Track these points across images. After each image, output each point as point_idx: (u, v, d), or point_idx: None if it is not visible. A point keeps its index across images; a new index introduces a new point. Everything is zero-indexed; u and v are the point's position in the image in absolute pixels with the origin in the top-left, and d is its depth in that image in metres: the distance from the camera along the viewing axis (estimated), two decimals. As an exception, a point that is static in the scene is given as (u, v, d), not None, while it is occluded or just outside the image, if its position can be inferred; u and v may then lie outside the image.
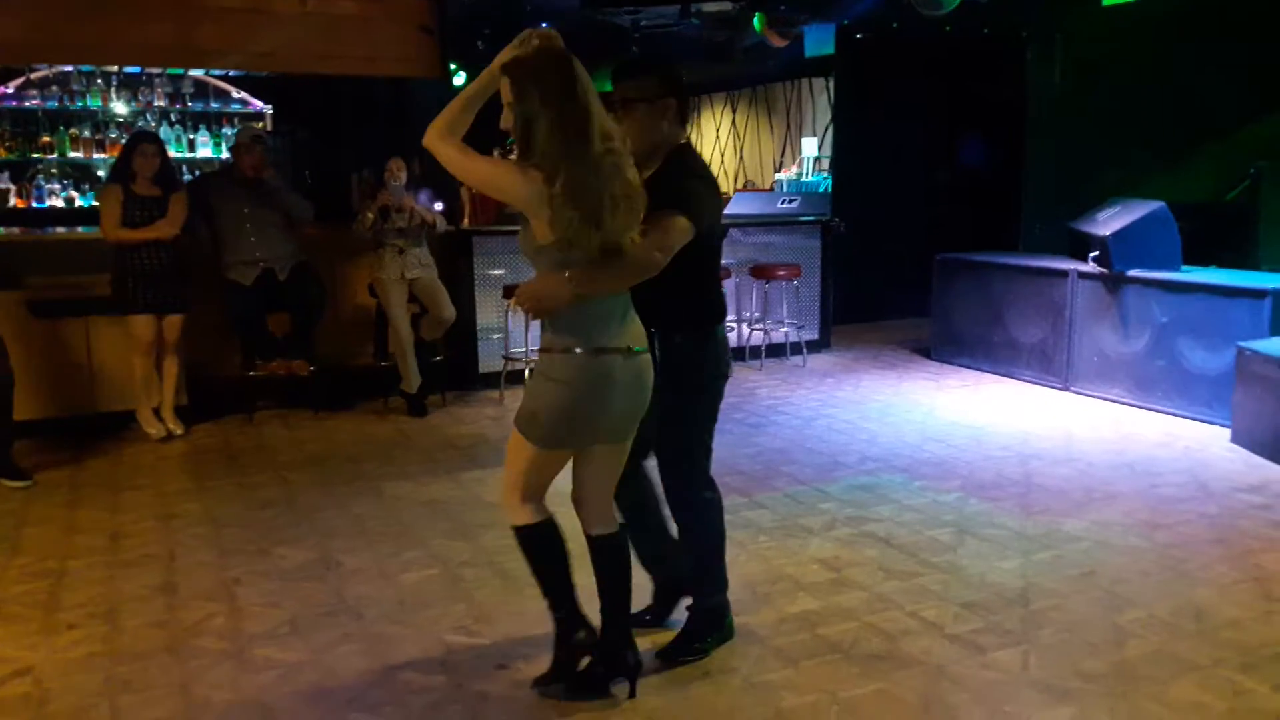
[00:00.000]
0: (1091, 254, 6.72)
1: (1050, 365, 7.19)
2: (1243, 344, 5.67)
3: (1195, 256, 6.68)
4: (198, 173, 8.44)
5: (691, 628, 3.34)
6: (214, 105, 8.74)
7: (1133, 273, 6.54)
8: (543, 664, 3.25)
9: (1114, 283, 6.66)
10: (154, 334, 5.88)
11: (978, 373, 7.69)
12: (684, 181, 3.02)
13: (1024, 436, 5.97)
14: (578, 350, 2.74)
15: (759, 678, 3.19)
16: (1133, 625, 3.56)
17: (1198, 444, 5.78)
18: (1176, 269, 6.50)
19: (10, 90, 8.15)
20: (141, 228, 5.74)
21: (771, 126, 12.36)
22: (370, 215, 6.23)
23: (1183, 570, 4.05)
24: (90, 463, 5.54)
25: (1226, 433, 5.85)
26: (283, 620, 3.61)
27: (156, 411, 6.04)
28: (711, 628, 3.34)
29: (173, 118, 8.61)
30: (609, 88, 3.27)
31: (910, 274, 9.20)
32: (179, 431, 6.02)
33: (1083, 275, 6.89)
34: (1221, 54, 7.98)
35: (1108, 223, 6.68)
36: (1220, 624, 3.57)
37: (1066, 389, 7.05)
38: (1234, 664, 3.29)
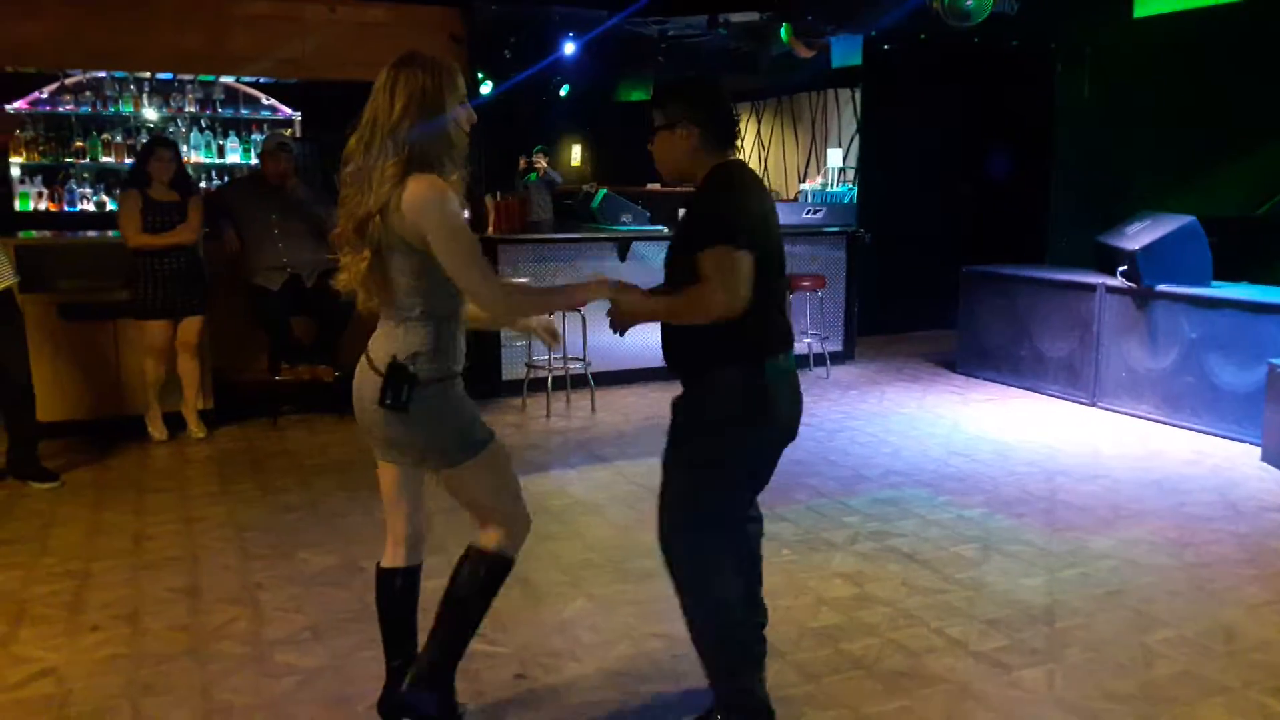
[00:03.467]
0: (1120, 268, 6.66)
1: (1077, 380, 7.13)
2: (1274, 361, 5.59)
3: (1226, 272, 6.60)
4: (226, 178, 8.52)
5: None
6: (244, 112, 8.82)
7: (1162, 287, 6.47)
8: (563, 674, 3.25)
9: (1143, 297, 6.59)
10: (169, 338, 5.93)
11: (1003, 387, 7.63)
12: (714, 201, 2.81)
13: (1050, 452, 5.91)
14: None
15: (780, 693, 3.16)
16: (1161, 645, 3.51)
17: (1227, 462, 5.70)
18: (1207, 284, 6.42)
19: (44, 95, 8.25)
20: (161, 233, 5.80)
21: (797, 137, 12.34)
22: None
23: (1212, 590, 3.99)
24: (116, 465, 5.58)
25: (1257, 451, 5.77)
26: (304, 625, 3.62)
27: (171, 415, 6.08)
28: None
29: (203, 124, 8.70)
30: (635, 97, 3.21)
31: (936, 286, 9.15)
32: (200, 435, 6.06)
33: (1111, 289, 6.83)
34: (1253, 67, 7.91)
35: (1137, 236, 6.62)
36: (1250, 645, 3.52)
37: (1093, 404, 6.98)
38: (1264, 686, 3.24)
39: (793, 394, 2.84)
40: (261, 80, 8.57)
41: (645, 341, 7.69)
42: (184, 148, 8.65)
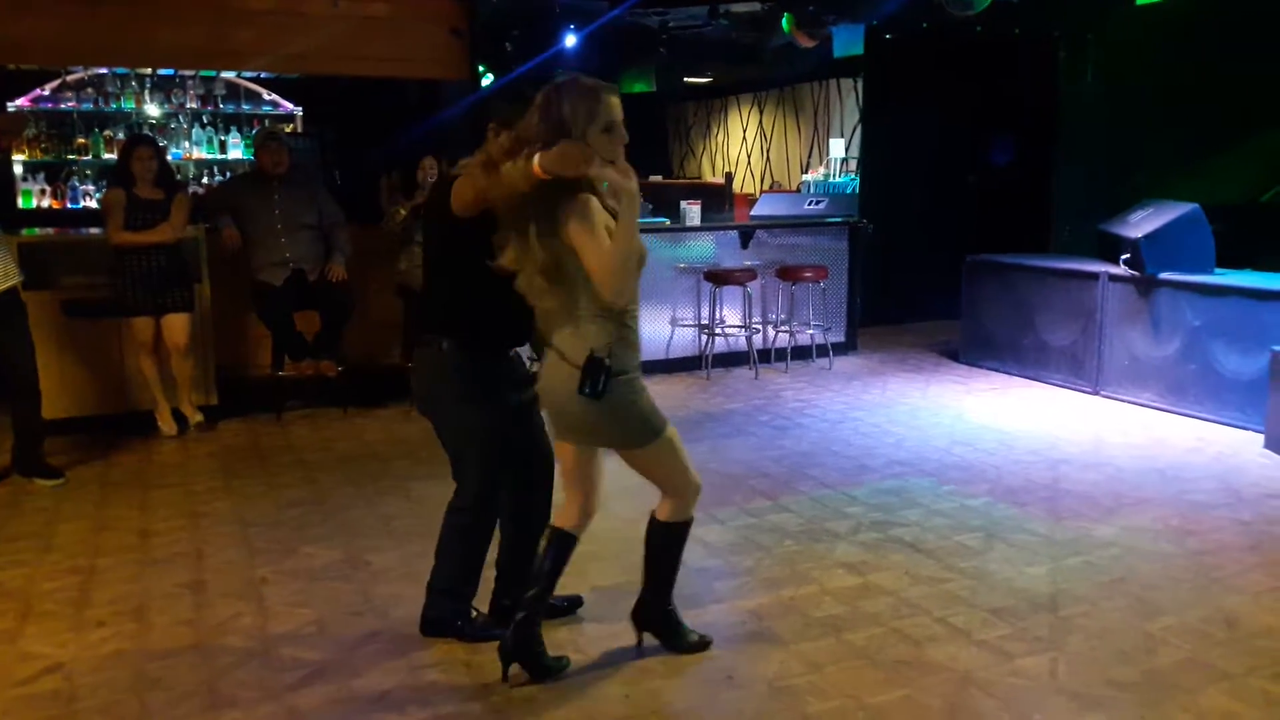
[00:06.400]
0: (1123, 256, 6.65)
1: (1080, 369, 7.12)
2: (1277, 348, 5.58)
3: (1229, 259, 6.59)
4: (228, 174, 8.53)
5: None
6: (245, 107, 8.83)
7: (1165, 275, 6.46)
8: (569, 666, 3.26)
9: (1146, 285, 6.58)
10: (153, 335, 5.95)
11: (1007, 376, 7.62)
12: None
13: (1053, 441, 5.91)
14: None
15: (784, 682, 3.18)
16: (1163, 633, 3.52)
17: (1230, 450, 5.70)
18: (1210, 272, 6.41)
19: (46, 92, 8.26)
20: (143, 230, 5.81)
21: (799, 127, 12.33)
22: (402, 212, 6.28)
23: (1215, 577, 3.99)
24: (120, 461, 5.60)
25: (1260, 438, 5.76)
26: (309, 620, 3.63)
27: (176, 411, 6.11)
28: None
29: (204, 119, 8.70)
30: (637, 88, 3.25)
31: (939, 276, 9.14)
32: (198, 419, 6.09)
33: (1114, 278, 6.82)
34: (1256, 53, 7.88)
35: (1140, 224, 6.60)
36: (1253, 632, 3.52)
37: (1096, 393, 6.97)
38: (1267, 673, 3.24)
39: None
40: (263, 75, 8.58)
41: (648, 336, 7.74)
42: (185, 144, 8.68)
